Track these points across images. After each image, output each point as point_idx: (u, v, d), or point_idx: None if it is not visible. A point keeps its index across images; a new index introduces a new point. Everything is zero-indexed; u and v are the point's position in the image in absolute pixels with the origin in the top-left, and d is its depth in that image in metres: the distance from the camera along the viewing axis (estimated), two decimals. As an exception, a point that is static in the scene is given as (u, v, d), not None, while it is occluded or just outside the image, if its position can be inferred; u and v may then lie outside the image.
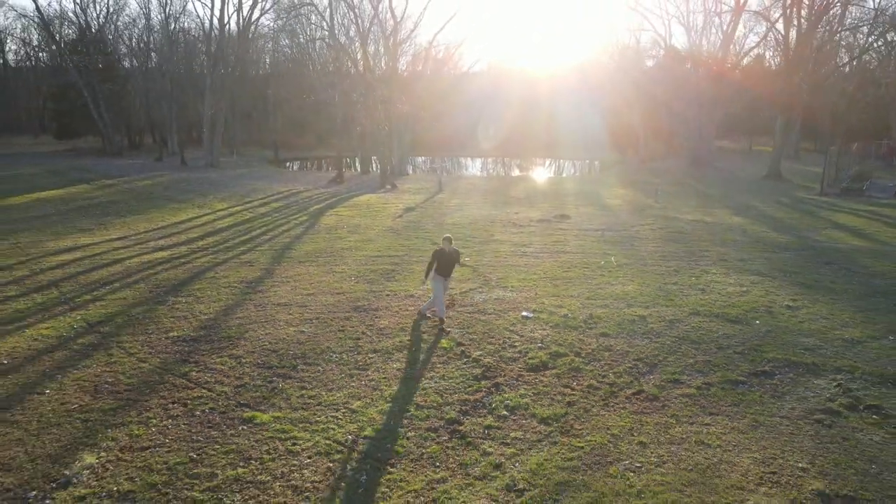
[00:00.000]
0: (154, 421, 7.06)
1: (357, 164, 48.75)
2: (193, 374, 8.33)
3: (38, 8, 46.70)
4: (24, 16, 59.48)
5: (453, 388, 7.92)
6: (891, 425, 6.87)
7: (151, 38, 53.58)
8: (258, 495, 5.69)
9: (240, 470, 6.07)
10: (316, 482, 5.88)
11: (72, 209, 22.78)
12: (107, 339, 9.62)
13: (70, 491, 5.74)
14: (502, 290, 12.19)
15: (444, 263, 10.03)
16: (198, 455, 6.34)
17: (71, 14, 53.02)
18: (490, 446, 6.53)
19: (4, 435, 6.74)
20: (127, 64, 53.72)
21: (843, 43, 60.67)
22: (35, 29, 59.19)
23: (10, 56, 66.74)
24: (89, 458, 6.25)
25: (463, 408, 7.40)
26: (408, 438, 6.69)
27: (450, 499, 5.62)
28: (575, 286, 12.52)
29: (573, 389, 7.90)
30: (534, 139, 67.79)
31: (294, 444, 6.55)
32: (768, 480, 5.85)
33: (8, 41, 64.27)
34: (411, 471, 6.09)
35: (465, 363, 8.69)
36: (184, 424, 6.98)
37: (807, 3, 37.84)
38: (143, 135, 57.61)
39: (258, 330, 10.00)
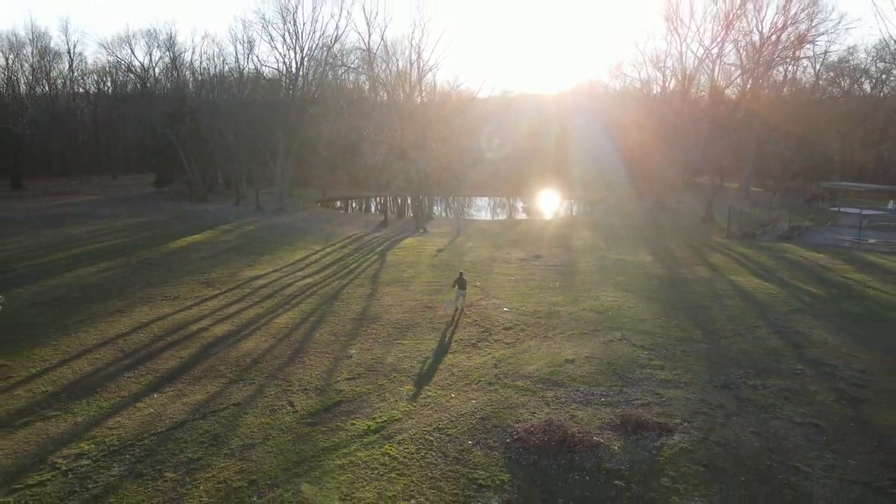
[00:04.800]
0: (366, 343, 19.59)
1: (394, 208, 61.56)
2: (368, 331, 20.87)
3: (145, 86, 60.19)
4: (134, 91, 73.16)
5: (472, 334, 20.39)
6: (628, 343, 19.18)
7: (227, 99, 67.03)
8: (414, 357, 18.13)
9: (403, 355, 18.55)
10: (431, 350, 18.37)
11: (224, 250, 35.49)
12: (321, 319, 22.20)
13: (352, 360, 18.24)
14: (495, 299, 24.67)
15: (461, 283, 22.60)
16: (388, 349, 18.84)
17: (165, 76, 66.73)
18: (486, 350, 18.96)
19: (318, 348, 19.30)
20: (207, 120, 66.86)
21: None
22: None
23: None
24: (353, 350, 18.82)
25: (477, 339, 19.87)
26: (456, 345, 19.17)
27: (470, 360, 18.07)
28: (532, 297, 24.98)
29: (519, 336, 20.31)
30: (537, 174, 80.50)
31: (419, 346, 19.03)
32: (573, 354, 18.20)
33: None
34: (455, 353, 18.57)
35: (477, 327, 21.17)
36: (378, 343, 19.51)
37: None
38: (214, 180, 70.81)
39: (384, 315, 22.54)
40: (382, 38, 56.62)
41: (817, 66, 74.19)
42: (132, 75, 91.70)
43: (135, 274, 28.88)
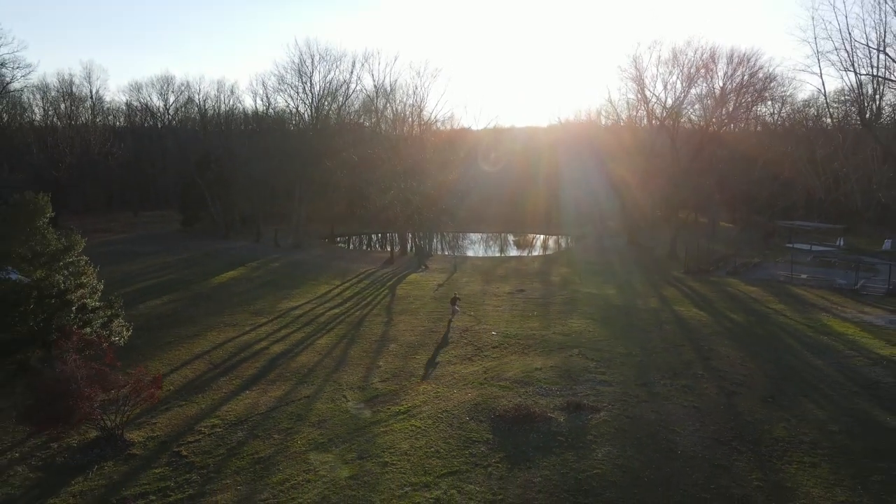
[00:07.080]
0: (389, 358, 26.42)
1: (398, 243, 68.64)
2: (389, 349, 27.71)
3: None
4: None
5: (468, 351, 27.27)
6: (583, 357, 26.06)
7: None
8: (426, 367, 24.96)
9: (418, 365, 25.39)
10: (438, 362, 25.22)
11: (259, 285, 42.31)
12: (352, 341, 29.01)
13: (381, 368, 25.06)
14: (485, 325, 31.55)
15: (452, 301, 29.79)
16: (406, 361, 25.68)
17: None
18: (478, 362, 25.82)
19: (354, 361, 26.13)
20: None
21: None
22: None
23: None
24: (381, 362, 25.66)
25: (472, 355, 26.75)
26: (456, 359, 26.03)
27: (466, 369, 24.92)
28: (515, 324, 31.89)
29: (503, 352, 27.18)
30: (528, 208, 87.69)
31: (428, 360, 25.87)
32: (542, 365, 25.04)
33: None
34: (456, 365, 25.41)
35: (471, 346, 28.04)
36: (398, 357, 26.33)
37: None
38: (233, 219, 77.88)
39: (400, 338, 29.40)
40: (388, 101, 64.39)
41: (777, 114, 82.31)
42: (150, 118, 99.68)
43: (195, 306, 35.68)
